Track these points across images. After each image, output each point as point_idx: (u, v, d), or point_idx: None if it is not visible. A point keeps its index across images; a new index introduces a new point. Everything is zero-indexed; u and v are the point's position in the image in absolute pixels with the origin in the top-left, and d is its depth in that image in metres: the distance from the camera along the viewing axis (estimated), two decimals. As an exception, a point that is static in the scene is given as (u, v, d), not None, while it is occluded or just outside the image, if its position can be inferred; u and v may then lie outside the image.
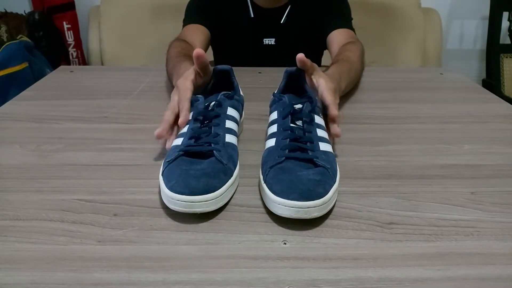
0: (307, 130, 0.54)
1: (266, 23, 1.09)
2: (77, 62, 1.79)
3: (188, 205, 0.45)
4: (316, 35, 1.07)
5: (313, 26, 1.09)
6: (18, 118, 0.73)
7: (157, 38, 1.49)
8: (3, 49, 1.48)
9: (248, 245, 0.44)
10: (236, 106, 0.61)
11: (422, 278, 0.39)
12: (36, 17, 1.65)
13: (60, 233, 0.45)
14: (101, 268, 0.40)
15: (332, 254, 0.42)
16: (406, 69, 1.12)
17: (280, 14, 1.08)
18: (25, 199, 0.50)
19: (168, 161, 0.50)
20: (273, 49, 1.10)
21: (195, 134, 0.53)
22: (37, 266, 0.40)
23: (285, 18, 1.08)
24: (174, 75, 0.77)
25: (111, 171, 0.57)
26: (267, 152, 0.54)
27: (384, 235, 0.45)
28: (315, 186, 0.46)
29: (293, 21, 1.09)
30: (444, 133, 0.70)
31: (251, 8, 1.08)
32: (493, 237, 0.45)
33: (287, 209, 0.45)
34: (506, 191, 0.54)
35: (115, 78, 0.96)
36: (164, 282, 0.39)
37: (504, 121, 0.76)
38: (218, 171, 0.48)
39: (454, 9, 1.94)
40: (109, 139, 0.66)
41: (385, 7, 1.58)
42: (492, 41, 1.84)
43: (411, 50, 1.61)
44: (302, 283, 0.39)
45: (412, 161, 0.61)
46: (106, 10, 1.59)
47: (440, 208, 0.50)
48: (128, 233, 0.45)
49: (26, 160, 0.59)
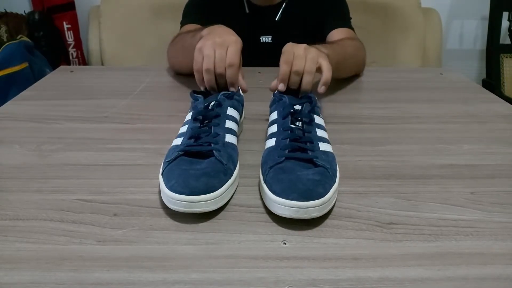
0: (306, 130, 0.54)
1: (262, 21, 1.10)
2: (77, 62, 1.78)
3: (188, 205, 0.45)
4: (312, 33, 1.07)
5: (309, 23, 1.09)
6: (18, 118, 0.73)
7: (157, 38, 1.49)
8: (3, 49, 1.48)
9: (248, 245, 0.44)
10: (236, 106, 0.61)
11: (422, 278, 0.39)
12: (36, 17, 1.65)
13: (60, 233, 0.45)
14: (101, 268, 0.40)
15: (332, 254, 0.42)
16: (406, 69, 1.12)
17: (275, 11, 1.10)
18: (25, 199, 0.50)
19: (168, 161, 0.50)
20: (270, 46, 1.11)
21: (195, 134, 0.53)
22: (37, 266, 0.40)
23: (280, 15, 1.09)
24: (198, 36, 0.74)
25: (111, 171, 0.57)
26: (267, 152, 0.54)
27: (384, 235, 0.45)
28: (315, 186, 0.46)
29: (288, 18, 1.10)
30: (444, 133, 0.70)
31: (247, 6, 1.09)
32: (493, 237, 0.45)
33: (287, 209, 0.45)
34: (506, 191, 0.54)
35: (115, 78, 0.96)
36: (164, 282, 0.39)
37: (504, 121, 0.76)
38: (218, 171, 0.48)
39: (454, 9, 1.93)
40: (109, 139, 0.66)
41: (385, 7, 1.58)
42: (492, 41, 1.84)
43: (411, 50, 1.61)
44: (302, 283, 0.39)
45: (412, 161, 0.61)
46: (106, 10, 1.59)
47: (439, 208, 0.50)
48: (128, 233, 0.45)
49: (26, 160, 0.59)
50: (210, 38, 0.66)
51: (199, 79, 0.66)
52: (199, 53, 0.65)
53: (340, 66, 0.82)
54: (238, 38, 0.67)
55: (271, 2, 1.09)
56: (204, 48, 0.65)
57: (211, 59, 0.64)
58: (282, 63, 0.65)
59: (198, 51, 0.66)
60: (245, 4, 1.09)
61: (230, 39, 0.65)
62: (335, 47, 0.83)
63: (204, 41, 0.66)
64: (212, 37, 0.66)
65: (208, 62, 0.64)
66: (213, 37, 0.66)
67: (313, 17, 1.09)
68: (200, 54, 0.65)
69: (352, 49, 0.92)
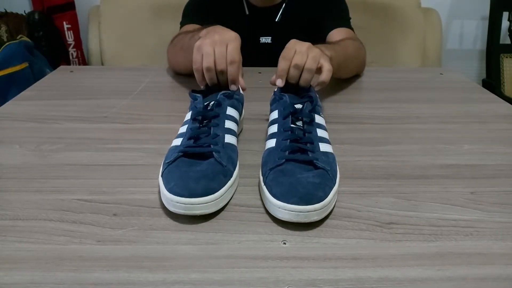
0: (307, 131, 0.54)
1: (261, 22, 1.10)
2: (77, 62, 1.78)
3: (187, 207, 0.45)
4: (312, 34, 1.07)
5: (309, 24, 1.09)
6: (18, 118, 0.73)
7: (157, 38, 1.49)
8: (3, 49, 1.48)
9: (248, 245, 0.44)
10: (236, 105, 0.61)
11: (422, 278, 0.39)
12: (36, 17, 1.65)
13: (59, 233, 0.45)
14: (101, 268, 0.40)
15: (331, 254, 0.42)
16: (406, 69, 1.12)
17: (275, 12, 1.10)
18: (25, 199, 0.50)
19: (167, 162, 0.50)
20: (270, 47, 1.11)
21: (194, 134, 0.53)
22: (37, 266, 0.40)
23: (280, 16, 1.09)
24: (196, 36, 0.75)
25: (111, 171, 0.57)
26: (267, 153, 0.53)
27: (383, 235, 0.45)
28: (315, 190, 0.46)
29: (288, 19, 1.10)
30: (444, 133, 0.70)
31: (247, 7, 1.09)
32: (493, 237, 0.45)
33: (287, 212, 0.45)
34: (506, 191, 0.54)
35: (115, 78, 0.96)
36: (164, 282, 0.39)
37: (504, 121, 0.76)
38: (217, 172, 0.48)
39: (454, 9, 1.93)
40: (109, 139, 0.66)
41: (385, 7, 1.58)
42: (492, 41, 1.84)
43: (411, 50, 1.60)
44: (302, 283, 0.39)
45: (412, 161, 0.61)
46: (106, 10, 1.59)
47: (439, 208, 0.50)
48: (127, 233, 0.45)
49: (26, 160, 0.59)
50: (209, 36, 0.66)
51: (200, 78, 0.66)
52: (198, 52, 0.65)
53: (341, 67, 0.82)
54: (236, 35, 0.67)
55: (270, 2, 1.09)
56: (203, 46, 0.64)
57: (211, 57, 0.63)
58: (281, 59, 0.65)
59: (197, 50, 0.65)
60: (244, 5, 1.09)
61: (229, 36, 0.65)
62: (336, 48, 0.83)
63: (202, 40, 0.66)
64: (211, 35, 0.66)
65: (208, 60, 0.63)
66: (211, 35, 0.66)
67: (313, 17, 1.09)
68: (199, 53, 0.65)
69: (353, 50, 0.92)
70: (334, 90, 0.90)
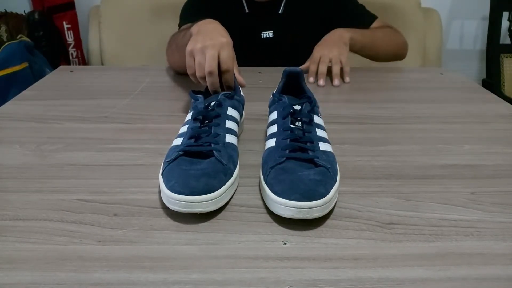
0: (306, 130, 0.54)
1: (262, 16, 1.09)
2: (77, 62, 1.78)
3: (187, 205, 0.45)
4: (315, 28, 1.07)
5: (312, 18, 1.09)
6: (18, 118, 0.73)
7: (157, 38, 1.49)
8: (3, 49, 1.48)
9: (248, 245, 0.44)
10: (237, 106, 0.61)
11: (422, 278, 0.39)
12: (36, 17, 1.65)
13: (60, 233, 0.45)
14: (101, 268, 0.40)
15: (332, 254, 0.42)
16: (406, 69, 1.12)
17: (277, 5, 1.09)
18: (25, 199, 0.50)
19: (168, 161, 0.50)
20: (271, 42, 1.11)
21: (195, 133, 0.53)
22: (37, 266, 0.40)
23: (283, 8, 1.09)
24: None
25: (111, 171, 0.57)
26: (268, 152, 0.53)
27: (384, 235, 0.45)
28: (316, 186, 0.46)
29: (292, 10, 1.09)
30: (444, 133, 0.70)
31: (246, 5, 1.08)
32: (493, 237, 0.45)
33: (289, 209, 0.45)
34: (506, 191, 0.54)
35: (115, 78, 0.96)
36: (164, 282, 0.38)
37: (504, 121, 0.76)
38: (218, 171, 0.48)
39: (454, 9, 1.94)
40: (109, 139, 0.66)
41: (385, 7, 1.58)
42: (492, 41, 1.84)
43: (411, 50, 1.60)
44: (302, 283, 0.39)
45: (412, 161, 0.61)
46: (106, 10, 1.59)
47: (440, 208, 0.50)
48: (128, 233, 0.45)
49: (26, 160, 0.59)
50: (200, 40, 0.65)
51: (196, 81, 0.66)
52: (190, 57, 0.65)
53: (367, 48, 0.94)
54: (228, 40, 0.66)
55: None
56: (195, 53, 0.64)
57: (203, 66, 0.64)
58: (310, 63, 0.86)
59: (189, 56, 0.65)
60: (244, 3, 1.09)
61: (220, 42, 0.64)
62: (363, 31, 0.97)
63: (193, 43, 0.65)
64: (202, 39, 0.65)
65: (201, 70, 0.64)
66: (202, 39, 0.65)
67: (317, 12, 1.09)
68: (191, 58, 0.65)
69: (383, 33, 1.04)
70: (334, 90, 0.90)
